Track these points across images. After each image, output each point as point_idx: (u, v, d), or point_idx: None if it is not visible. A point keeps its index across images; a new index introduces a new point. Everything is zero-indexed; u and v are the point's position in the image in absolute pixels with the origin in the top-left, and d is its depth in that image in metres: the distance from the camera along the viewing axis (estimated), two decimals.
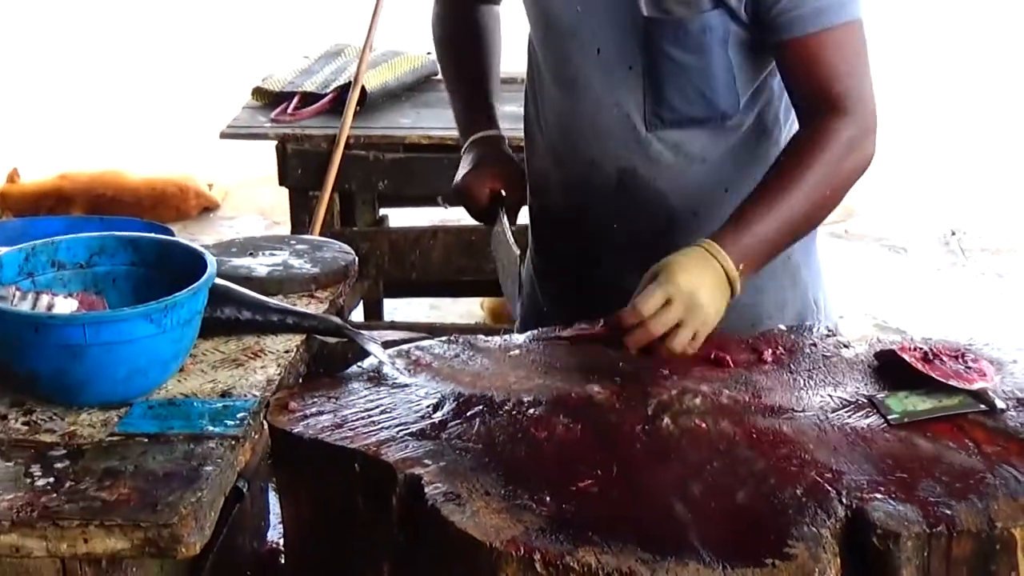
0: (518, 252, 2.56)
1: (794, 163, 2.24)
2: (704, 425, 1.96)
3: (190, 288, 1.96)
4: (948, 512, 1.77)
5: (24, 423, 1.91)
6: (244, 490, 1.96)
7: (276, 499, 2.14)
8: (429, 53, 4.49)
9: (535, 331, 2.29)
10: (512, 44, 2.67)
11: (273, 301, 2.20)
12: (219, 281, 2.07)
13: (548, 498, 1.78)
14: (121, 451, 1.85)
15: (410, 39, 4.92)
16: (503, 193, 2.53)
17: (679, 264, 2.13)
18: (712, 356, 2.15)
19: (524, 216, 2.67)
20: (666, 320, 2.10)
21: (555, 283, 2.58)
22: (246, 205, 5.85)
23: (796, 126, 2.38)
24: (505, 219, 2.54)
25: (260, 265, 2.37)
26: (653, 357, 2.14)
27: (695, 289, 2.11)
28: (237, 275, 2.27)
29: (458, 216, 5.02)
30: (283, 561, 2.27)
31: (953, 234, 5.68)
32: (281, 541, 2.24)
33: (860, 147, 2.26)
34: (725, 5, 2.23)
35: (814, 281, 2.59)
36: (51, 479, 1.79)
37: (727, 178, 2.36)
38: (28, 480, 1.78)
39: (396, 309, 4.64)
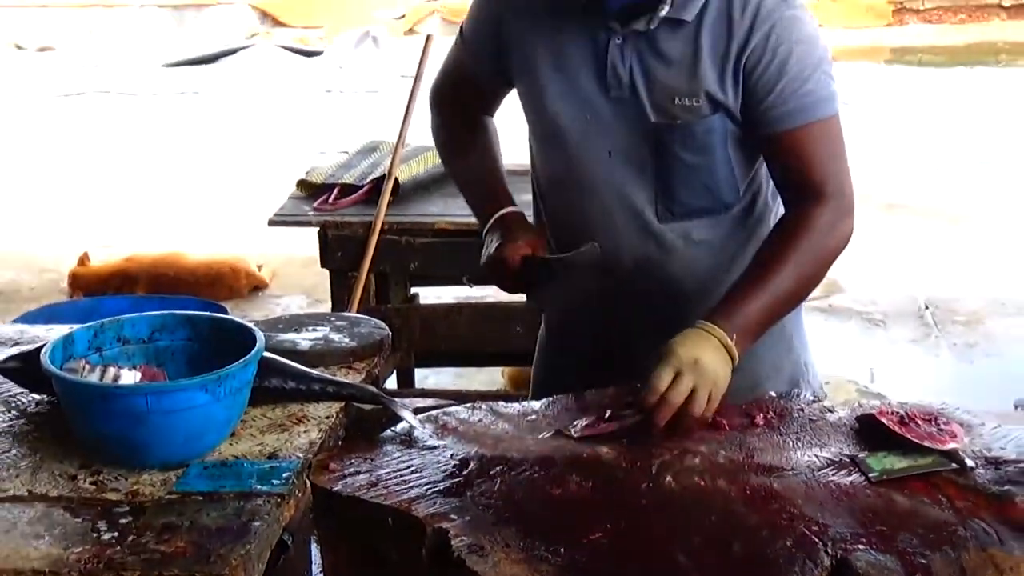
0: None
1: (780, 245, 2.24)
2: (703, 483, 1.96)
3: (241, 361, 1.97)
4: (924, 561, 1.77)
5: (92, 483, 1.92)
6: (288, 542, 1.95)
7: (318, 550, 2.14)
8: None
9: (552, 400, 2.27)
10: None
11: (315, 372, 2.20)
12: (267, 354, 2.08)
13: (562, 549, 1.78)
14: (178, 508, 1.85)
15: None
16: (534, 255, 2.47)
17: (678, 342, 2.12)
18: (710, 420, 2.16)
19: None
20: (681, 389, 2.08)
21: (572, 357, 2.56)
22: (292, 285, 5.86)
23: (782, 209, 2.39)
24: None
25: (303, 339, 2.38)
26: (680, 432, 2.10)
27: (698, 356, 2.11)
28: (283, 349, 2.27)
29: (482, 294, 5.06)
30: None
31: (927, 308, 5.67)
32: None
33: (839, 229, 2.26)
34: (723, 108, 2.24)
35: (803, 347, 2.58)
36: (115, 533, 1.79)
37: (729, 258, 2.36)
38: (95, 535, 1.79)
39: (426, 378, 4.64)
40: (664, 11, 2.17)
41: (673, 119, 2.24)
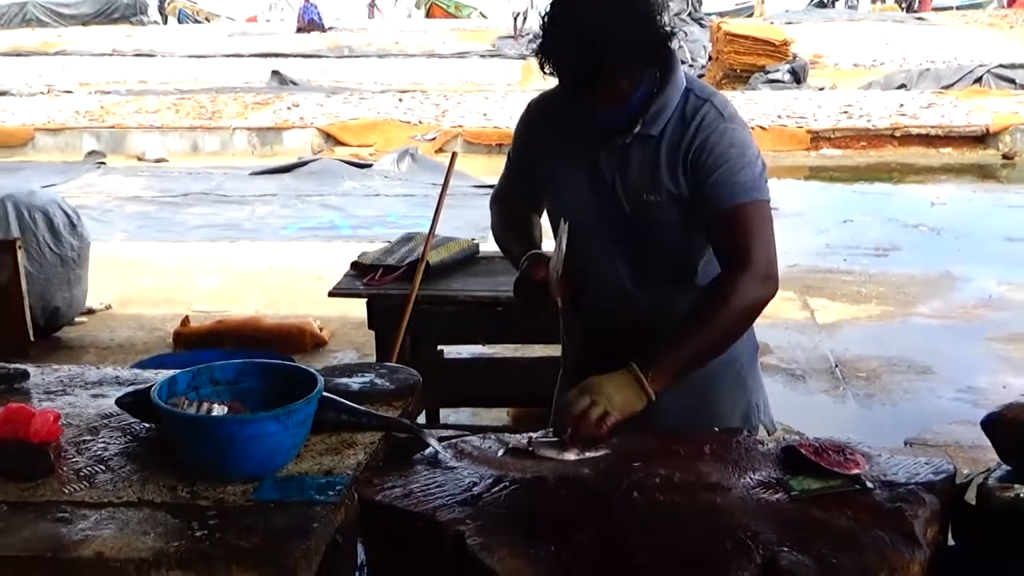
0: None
1: (707, 305, 2.25)
2: (662, 497, 1.96)
3: (305, 399, 1.97)
4: (834, 561, 1.76)
5: (187, 492, 1.92)
6: (340, 541, 1.94)
7: (362, 548, 2.12)
8: (473, 239, 4.55)
9: (545, 432, 2.26)
10: None
11: (362, 408, 2.20)
12: (325, 394, 2.08)
13: (552, 548, 1.78)
14: (255, 513, 1.85)
15: (460, 230, 5.00)
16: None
17: (598, 376, 2.19)
18: (670, 449, 2.15)
19: None
20: (581, 403, 2.14)
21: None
22: (345, 342, 5.86)
23: None
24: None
25: (354, 383, 2.38)
26: (594, 445, 2.13)
27: (603, 382, 2.16)
28: (338, 390, 2.28)
29: (493, 351, 5.08)
30: None
31: (836, 366, 5.67)
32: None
33: (758, 293, 2.24)
34: (679, 200, 2.27)
35: (757, 389, 2.58)
36: (205, 531, 1.79)
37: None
38: (189, 532, 1.79)
39: (448, 416, 4.63)
40: (637, 129, 2.26)
41: (642, 210, 2.28)
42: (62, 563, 1.72)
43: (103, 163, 11.70)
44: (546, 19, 2.18)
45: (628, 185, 2.29)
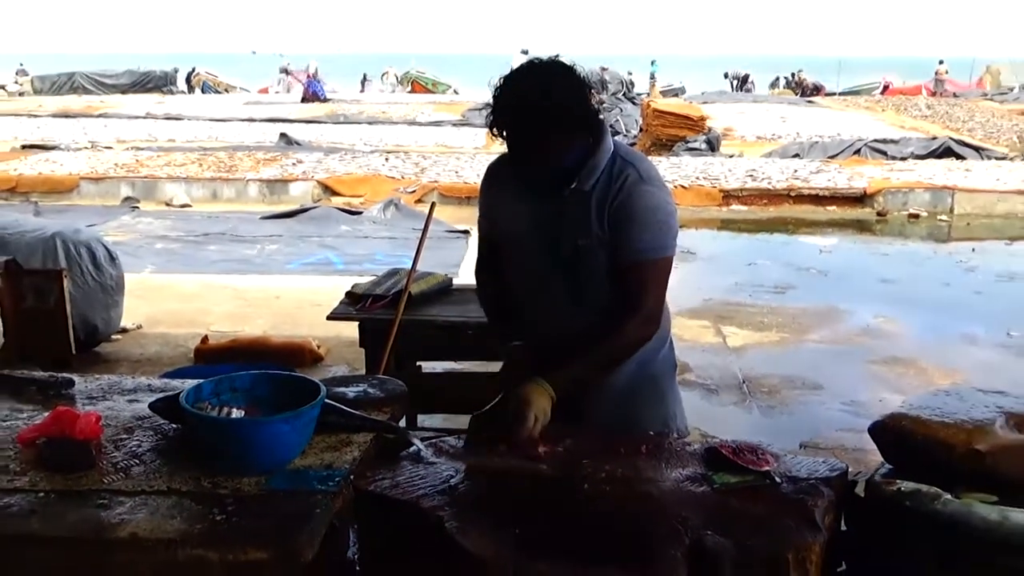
0: None
1: (601, 338, 2.28)
2: (608, 488, 1.95)
3: (310, 404, 1.95)
4: (749, 543, 1.75)
5: (209, 483, 1.88)
6: (337, 525, 1.91)
7: (355, 531, 2.09)
8: (447, 275, 4.54)
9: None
10: None
11: (357, 412, 2.18)
12: (327, 400, 2.05)
13: (517, 531, 1.76)
14: (267, 500, 1.82)
15: (436, 267, 4.97)
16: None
17: (522, 389, 2.19)
18: (613, 449, 2.14)
19: None
20: (528, 423, 2.13)
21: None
22: (339, 359, 5.80)
23: None
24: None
25: (350, 391, 2.36)
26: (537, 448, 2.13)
27: (533, 399, 2.16)
28: (337, 397, 2.25)
29: (463, 367, 5.03)
30: (358, 569, 2.21)
31: (744, 382, 5.68)
32: (357, 558, 2.17)
33: (640, 333, 2.30)
34: (605, 244, 2.27)
35: (674, 401, 2.56)
36: (224, 515, 1.76)
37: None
38: (210, 516, 1.75)
39: (424, 420, 4.58)
40: (573, 186, 2.25)
41: (576, 253, 2.27)
42: (102, 543, 1.68)
43: (137, 207, 11.56)
44: (496, 92, 2.20)
45: (565, 231, 2.29)
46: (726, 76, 35.91)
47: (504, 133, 2.19)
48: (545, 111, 2.12)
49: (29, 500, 1.80)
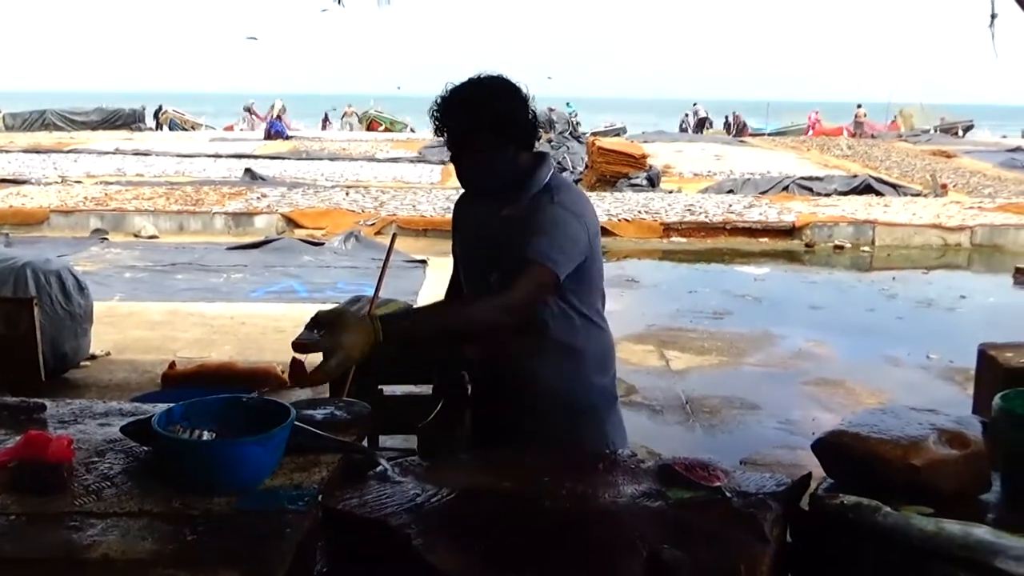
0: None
1: (459, 302, 2.36)
2: (568, 505, 1.91)
3: (281, 426, 1.89)
4: (703, 555, 1.73)
5: (180, 503, 1.81)
6: (306, 544, 1.85)
7: (322, 549, 2.03)
8: (407, 302, 4.50)
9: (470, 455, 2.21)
10: None
11: (324, 434, 2.12)
12: (296, 423, 2.00)
13: (482, 545, 1.72)
14: (238, 520, 1.75)
15: (396, 294, 4.92)
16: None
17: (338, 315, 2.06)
18: (572, 466, 2.11)
19: None
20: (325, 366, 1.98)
21: (482, 412, 2.50)
22: None
23: (595, 317, 2.40)
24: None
25: (318, 413, 2.31)
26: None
27: (345, 334, 1.98)
28: (304, 419, 2.19)
29: (421, 389, 4.96)
30: None
31: (687, 403, 5.70)
32: (325, 572, 2.10)
33: (495, 317, 2.17)
34: None
35: (613, 431, 2.48)
36: (195, 536, 1.69)
37: (541, 337, 2.36)
38: (182, 537, 1.69)
39: (385, 440, 4.51)
40: (504, 212, 2.32)
41: (513, 264, 2.23)
42: (74, 564, 1.60)
43: (106, 239, 11.32)
44: (439, 99, 2.27)
45: (505, 249, 2.27)
46: (686, 116, 36.32)
47: (445, 141, 2.30)
48: (474, 110, 2.23)
49: (1, 523, 1.72)
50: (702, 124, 35.09)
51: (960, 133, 34.43)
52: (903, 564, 1.77)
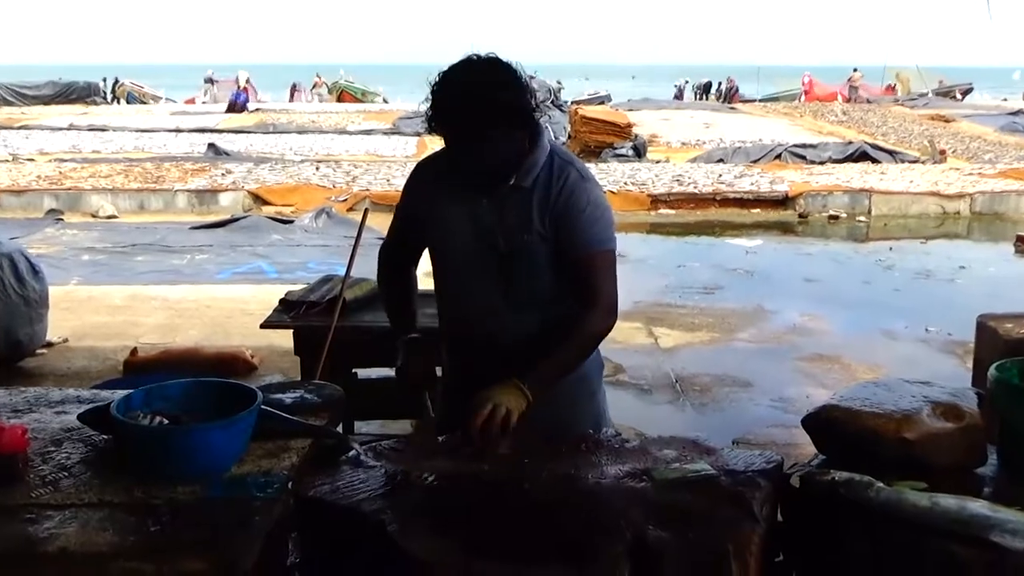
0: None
1: (566, 335, 2.26)
2: (550, 487, 1.92)
3: (247, 411, 1.89)
4: (690, 536, 1.75)
5: (142, 492, 1.81)
6: (276, 532, 1.86)
7: (294, 538, 2.03)
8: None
9: (446, 437, 2.22)
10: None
11: (294, 418, 2.12)
12: (263, 407, 2.00)
13: (460, 531, 1.73)
14: (203, 509, 1.75)
15: (369, 273, 4.91)
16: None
17: (491, 389, 2.15)
18: (554, 448, 2.13)
19: None
20: (486, 408, 2.10)
21: (460, 396, 2.50)
22: (273, 367, 5.67)
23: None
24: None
25: (287, 397, 2.30)
26: (496, 445, 2.09)
27: (497, 391, 2.13)
28: (273, 403, 2.19)
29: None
30: (297, 574, 2.16)
31: (676, 382, 5.73)
32: (297, 564, 2.11)
33: (602, 326, 2.30)
34: (546, 240, 2.26)
35: (603, 399, 2.57)
36: (159, 527, 1.69)
37: (546, 337, 2.32)
38: (144, 527, 1.69)
39: (361, 426, 4.53)
40: (512, 182, 2.22)
41: (518, 248, 2.26)
42: (30, 558, 1.60)
43: (61, 219, 11.22)
44: (435, 88, 2.16)
45: (506, 227, 2.28)
46: (685, 84, 36.34)
47: (444, 130, 2.18)
48: (491, 105, 2.12)
49: None
50: (708, 88, 35.33)
51: (959, 96, 34.62)
52: (896, 540, 1.79)
